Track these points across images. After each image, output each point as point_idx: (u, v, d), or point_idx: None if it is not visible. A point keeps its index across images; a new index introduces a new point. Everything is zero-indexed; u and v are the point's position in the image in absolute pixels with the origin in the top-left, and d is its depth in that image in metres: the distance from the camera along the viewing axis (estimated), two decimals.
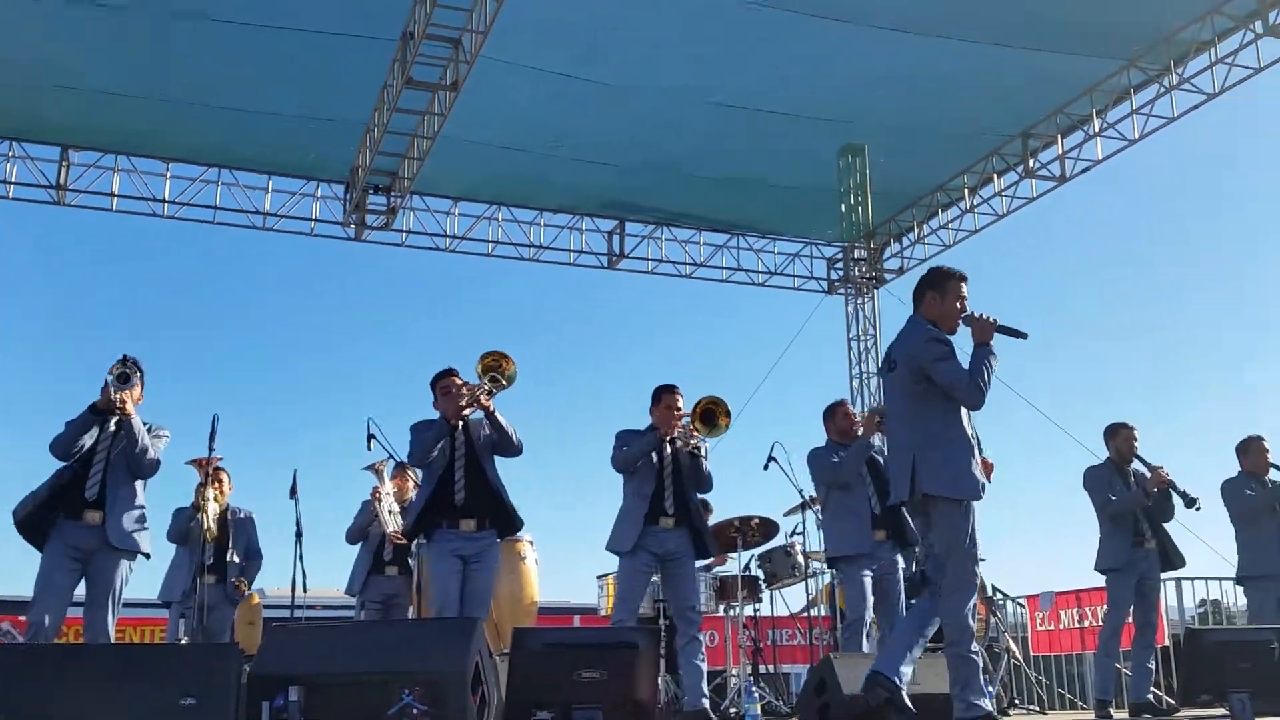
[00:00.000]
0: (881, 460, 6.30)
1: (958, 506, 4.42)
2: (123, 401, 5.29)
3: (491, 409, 5.68)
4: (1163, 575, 6.92)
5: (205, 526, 6.60)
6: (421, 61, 8.54)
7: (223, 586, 7.08)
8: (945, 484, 4.43)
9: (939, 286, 4.63)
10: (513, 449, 5.76)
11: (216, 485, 7.16)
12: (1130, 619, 6.80)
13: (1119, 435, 6.86)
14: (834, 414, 6.54)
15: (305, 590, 6.16)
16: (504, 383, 5.73)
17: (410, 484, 7.32)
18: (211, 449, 6.11)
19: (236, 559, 7.17)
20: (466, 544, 5.58)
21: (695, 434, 5.79)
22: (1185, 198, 35.94)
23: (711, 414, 5.81)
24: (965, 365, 4.48)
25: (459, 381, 5.80)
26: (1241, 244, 37.76)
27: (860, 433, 6.35)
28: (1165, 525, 6.78)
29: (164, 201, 11.03)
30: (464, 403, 5.69)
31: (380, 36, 8.82)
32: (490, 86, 9.18)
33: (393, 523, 7.02)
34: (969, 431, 4.50)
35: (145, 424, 5.42)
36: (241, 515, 7.40)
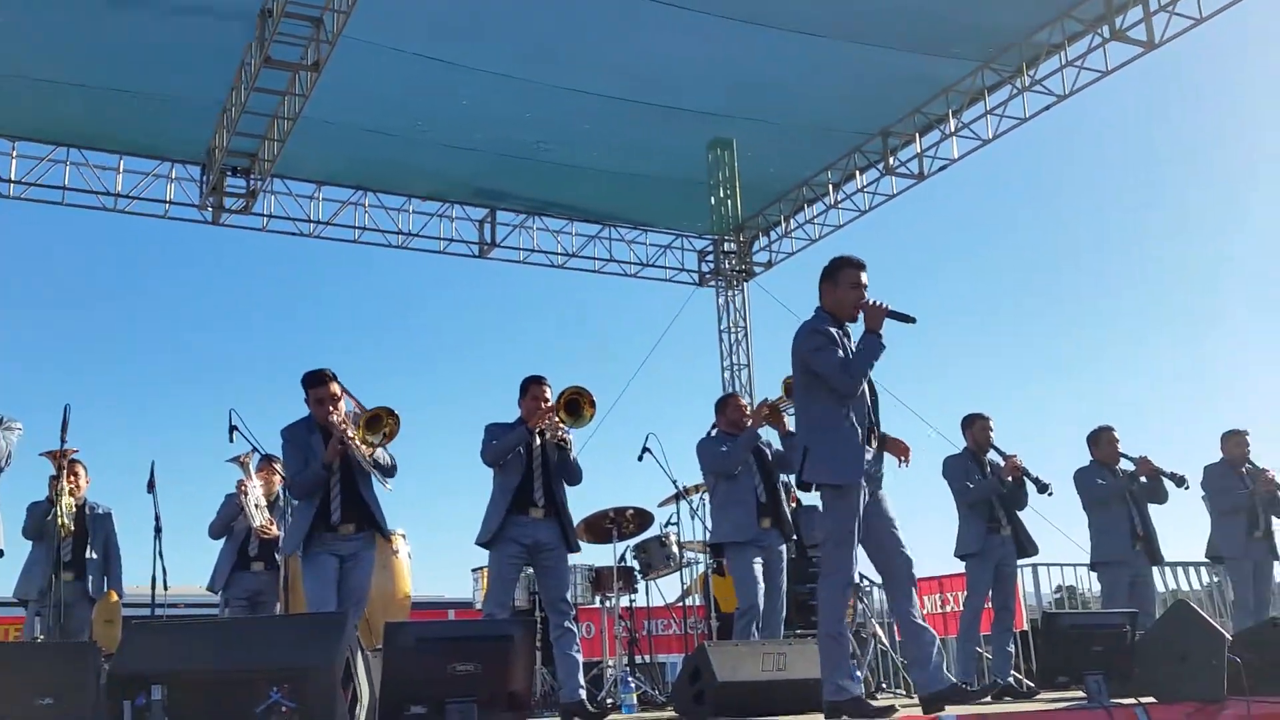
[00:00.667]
0: (768, 451, 6.42)
1: (837, 492, 4.50)
2: None
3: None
4: (1019, 561, 7.18)
5: (60, 522, 6.26)
6: (281, 40, 8.28)
7: (81, 584, 6.80)
8: (825, 471, 4.51)
9: (831, 276, 4.68)
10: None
11: (72, 479, 6.83)
12: (989, 604, 7.04)
13: (975, 425, 7.09)
14: (725, 405, 6.63)
15: (166, 588, 5.90)
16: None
17: (277, 478, 7.07)
18: (64, 440, 5.79)
19: (94, 555, 6.87)
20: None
21: (560, 425, 5.74)
22: (1036, 194, 37.58)
23: (576, 404, 5.76)
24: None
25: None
26: (1088, 236, 39.68)
27: (749, 424, 6.42)
28: (1019, 513, 7.03)
29: (9, 181, 10.43)
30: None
31: (238, 15, 8.51)
32: (354, 67, 8.96)
33: (259, 516, 6.76)
34: (857, 417, 4.53)
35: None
36: (100, 511, 7.09)
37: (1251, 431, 7.83)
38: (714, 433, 6.53)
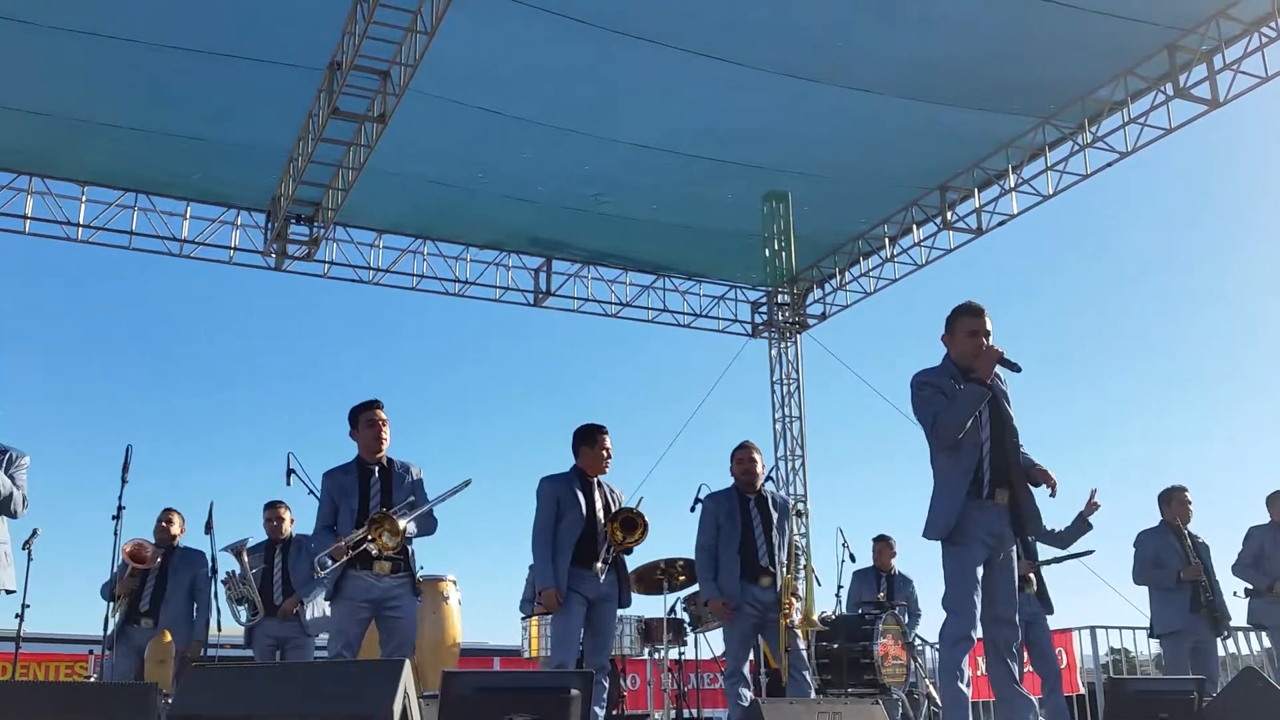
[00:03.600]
0: (774, 508, 6.29)
1: (946, 548, 4.51)
2: None
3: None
4: (1077, 626, 7.04)
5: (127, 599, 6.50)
6: (349, 92, 8.45)
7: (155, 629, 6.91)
8: (928, 525, 4.56)
9: (950, 328, 4.67)
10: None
11: (166, 525, 7.13)
12: (1028, 667, 6.86)
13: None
14: (732, 457, 6.43)
15: (220, 629, 5.94)
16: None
17: (288, 519, 7.26)
18: (125, 479, 5.89)
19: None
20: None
21: (617, 541, 5.77)
22: (1094, 249, 37.17)
23: (632, 523, 5.81)
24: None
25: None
26: (1145, 292, 39.12)
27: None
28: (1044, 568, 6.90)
29: (78, 225, 10.71)
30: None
31: (308, 65, 8.72)
32: (417, 119, 9.12)
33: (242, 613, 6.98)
34: (965, 467, 4.48)
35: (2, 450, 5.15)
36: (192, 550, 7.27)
37: None
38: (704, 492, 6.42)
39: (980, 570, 4.48)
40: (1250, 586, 7.39)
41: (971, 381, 4.48)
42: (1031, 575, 6.72)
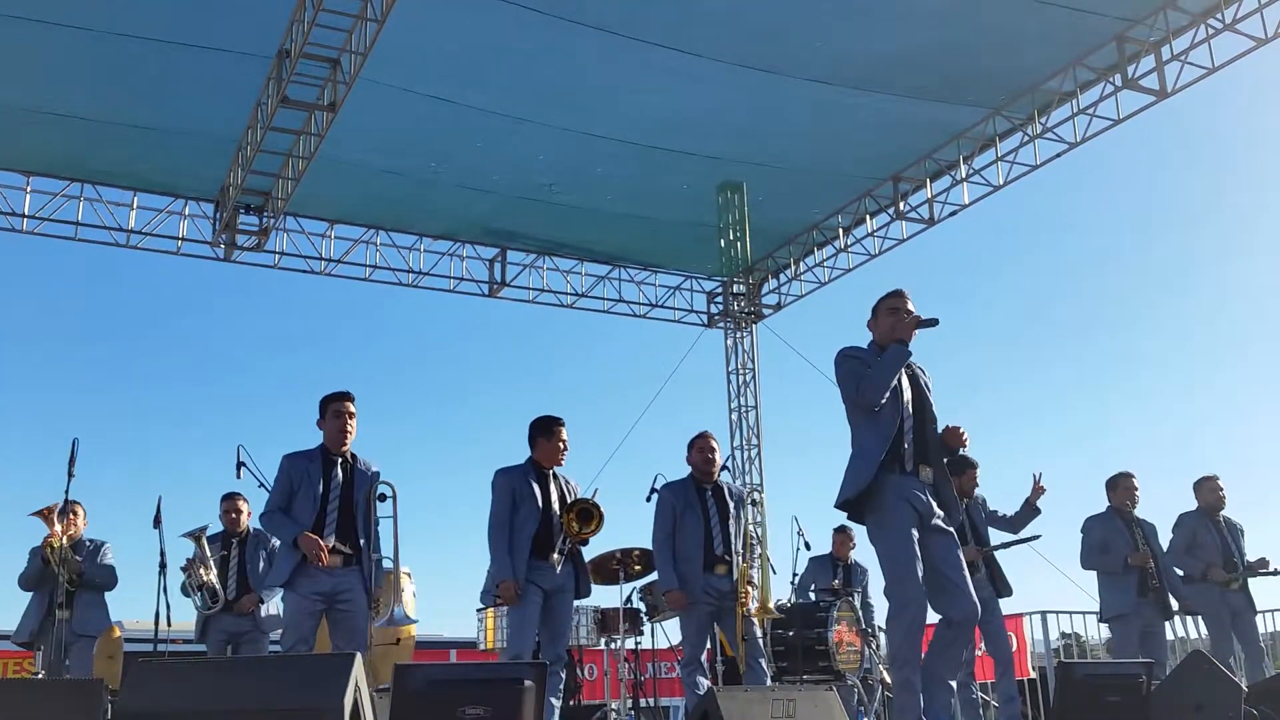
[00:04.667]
0: (730, 498, 6.30)
1: (872, 520, 4.49)
2: None
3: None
4: (1028, 611, 7.12)
5: (60, 578, 6.34)
6: (298, 81, 8.34)
7: (71, 627, 6.77)
8: (843, 489, 4.53)
9: (873, 315, 4.73)
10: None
11: (71, 518, 6.85)
12: (980, 651, 6.93)
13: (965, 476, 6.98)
14: (693, 445, 6.40)
15: (169, 624, 5.85)
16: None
17: (245, 511, 7.16)
18: (71, 473, 5.78)
19: (98, 580, 6.91)
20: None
21: (573, 531, 5.77)
22: (1044, 239, 37.65)
23: (588, 513, 5.81)
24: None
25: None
26: (1094, 281, 39.70)
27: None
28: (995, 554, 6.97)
29: (23, 216, 10.49)
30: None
31: (256, 53, 8.59)
32: (368, 108, 9.02)
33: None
34: (883, 437, 4.48)
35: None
36: (91, 547, 7.06)
37: (1222, 476, 7.75)
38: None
39: (915, 537, 4.39)
40: (1182, 573, 7.48)
41: (893, 343, 4.54)
42: (980, 560, 6.77)
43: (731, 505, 6.28)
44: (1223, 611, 7.47)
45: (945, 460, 4.67)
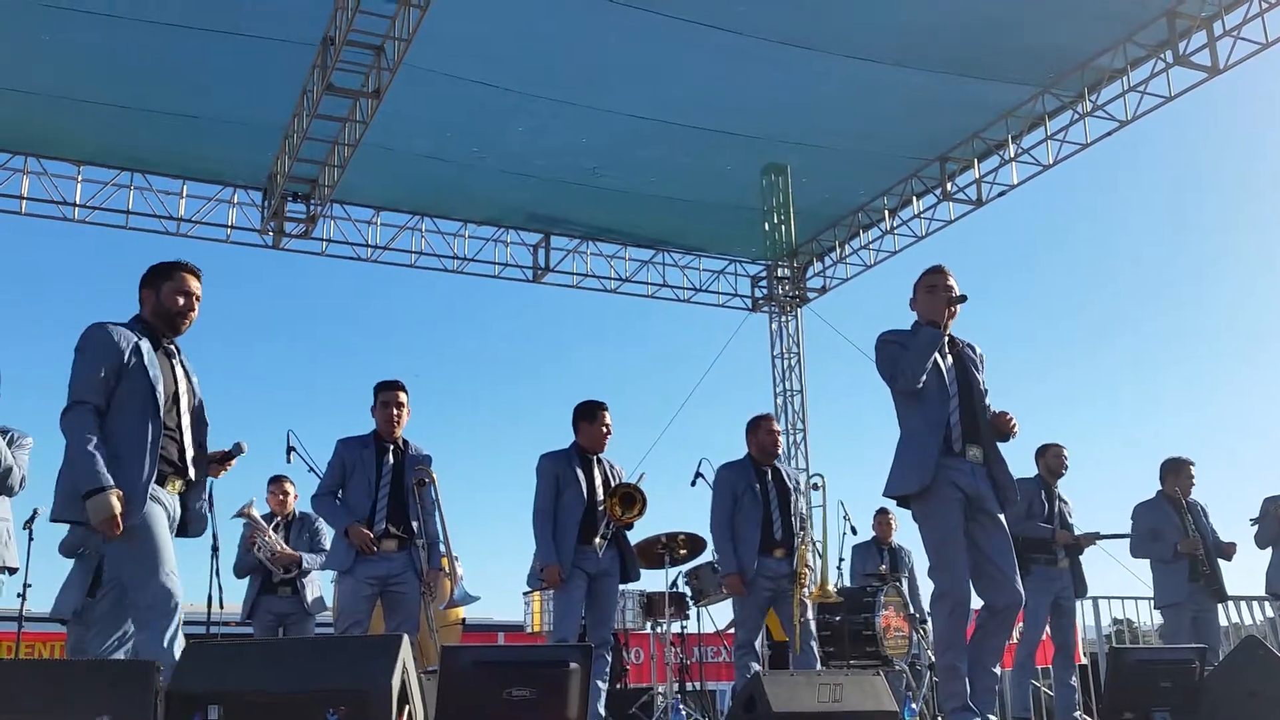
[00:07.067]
0: (789, 480, 6.28)
1: (918, 505, 4.44)
2: None
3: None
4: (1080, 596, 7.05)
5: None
6: (343, 68, 8.39)
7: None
8: (891, 483, 4.49)
9: (914, 293, 4.66)
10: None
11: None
12: (1045, 635, 6.89)
13: (1048, 453, 7.00)
14: (757, 427, 6.37)
15: (222, 606, 5.93)
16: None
17: (292, 495, 7.29)
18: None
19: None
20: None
21: (617, 517, 5.80)
22: (1095, 218, 37.06)
23: (630, 498, 5.83)
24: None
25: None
26: (1147, 261, 39.04)
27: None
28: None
29: (74, 205, 10.66)
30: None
31: (300, 41, 8.65)
32: (412, 94, 9.04)
33: (278, 571, 7.03)
34: (933, 421, 4.41)
35: (4, 431, 5.07)
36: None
37: None
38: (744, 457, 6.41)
39: (961, 521, 4.34)
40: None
41: (925, 325, 4.48)
42: (1064, 549, 6.76)
43: (791, 488, 6.26)
44: None
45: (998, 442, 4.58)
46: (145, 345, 3.94)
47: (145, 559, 3.76)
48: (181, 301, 4.10)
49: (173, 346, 4.12)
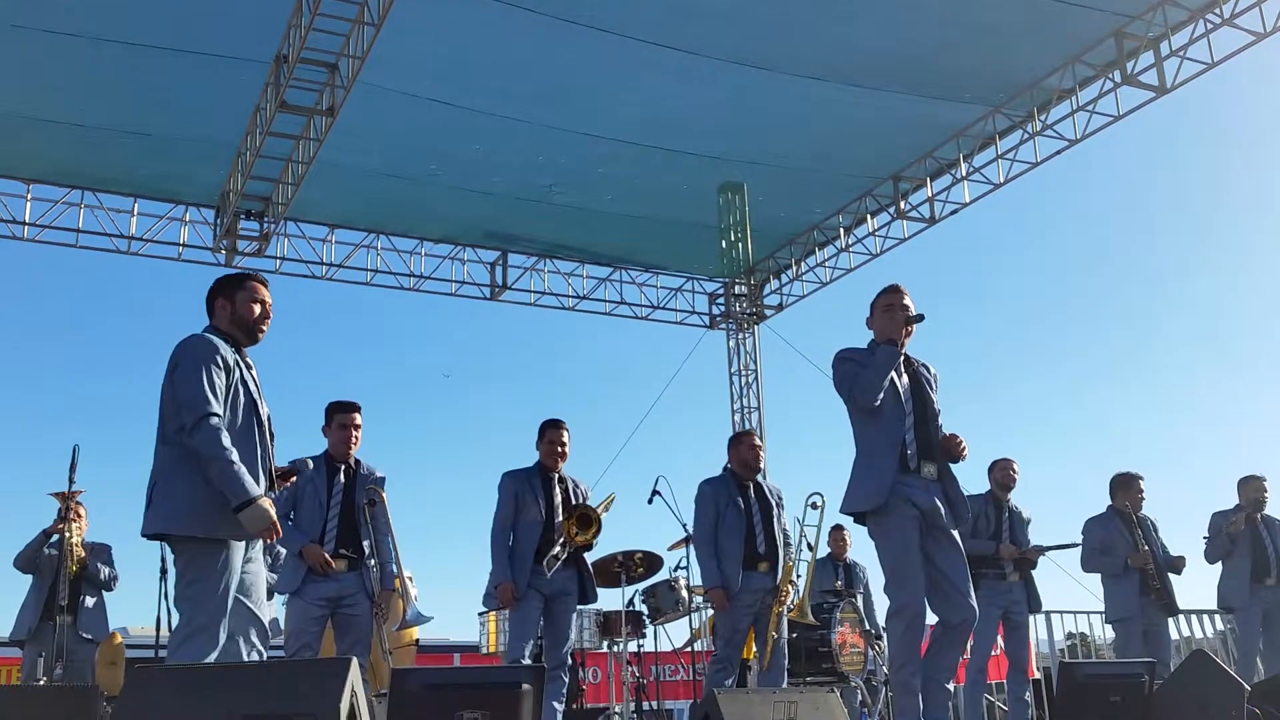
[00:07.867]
0: (771, 495, 6.30)
1: (874, 521, 4.46)
2: None
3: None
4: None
5: (68, 565, 6.27)
6: (296, 85, 8.34)
7: (75, 631, 6.73)
8: (848, 498, 4.51)
9: (870, 311, 4.71)
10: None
11: (76, 519, 6.81)
12: (997, 651, 6.94)
13: (997, 467, 7.08)
14: (739, 443, 6.40)
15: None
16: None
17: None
18: (72, 480, 5.77)
19: (90, 600, 6.86)
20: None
21: (573, 539, 5.79)
22: (1044, 236, 37.61)
23: (587, 519, 5.83)
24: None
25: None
26: (1096, 278, 39.64)
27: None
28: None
29: (24, 224, 10.50)
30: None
31: (254, 59, 8.58)
32: (367, 111, 9.01)
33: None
34: (890, 438, 4.46)
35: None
36: (97, 546, 7.06)
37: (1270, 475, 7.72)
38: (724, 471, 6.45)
39: (916, 537, 4.38)
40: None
41: (884, 343, 4.54)
42: (1012, 564, 6.80)
43: (773, 503, 6.27)
44: (1254, 608, 7.44)
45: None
46: (237, 359, 3.93)
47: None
48: (258, 310, 4.05)
49: (249, 359, 4.06)
